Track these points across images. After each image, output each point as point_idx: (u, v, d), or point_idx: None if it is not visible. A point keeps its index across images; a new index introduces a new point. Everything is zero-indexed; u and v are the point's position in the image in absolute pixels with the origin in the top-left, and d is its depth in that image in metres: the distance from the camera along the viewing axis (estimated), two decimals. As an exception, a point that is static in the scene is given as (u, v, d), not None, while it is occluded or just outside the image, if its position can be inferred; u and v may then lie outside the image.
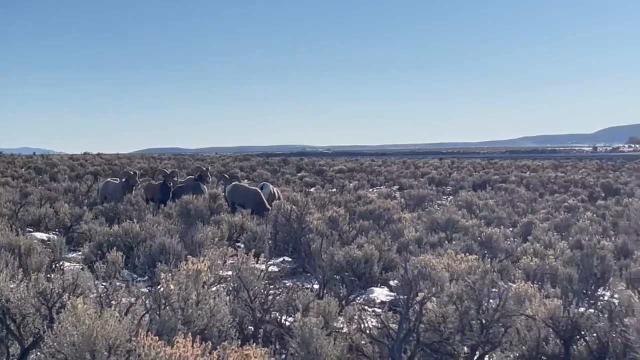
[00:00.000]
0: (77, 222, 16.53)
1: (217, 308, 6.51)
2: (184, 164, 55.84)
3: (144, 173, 36.99)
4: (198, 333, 5.83)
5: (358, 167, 58.81)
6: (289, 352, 6.46)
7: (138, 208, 19.29)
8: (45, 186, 29.97)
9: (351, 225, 16.49)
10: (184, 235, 12.86)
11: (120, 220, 16.56)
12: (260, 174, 43.46)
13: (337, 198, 25.48)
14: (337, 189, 34.63)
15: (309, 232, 14.45)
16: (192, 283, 6.62)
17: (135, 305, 6.26)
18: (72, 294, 5.92)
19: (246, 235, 14.74)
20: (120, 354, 5.15)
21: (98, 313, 5.31)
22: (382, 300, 11.15)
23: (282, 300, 7.94)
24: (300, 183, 38.89)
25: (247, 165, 57.34)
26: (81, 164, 52.45)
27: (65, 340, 5.15)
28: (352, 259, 11.48)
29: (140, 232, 12.73)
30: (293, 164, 61.82)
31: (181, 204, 17.86)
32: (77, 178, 38.23)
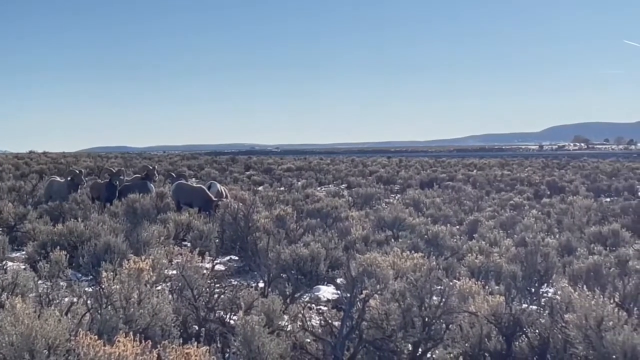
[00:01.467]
0: (20, 221, 16.33)
1: (160, 307, 6.48)
2: (131, 162, 55.48)
3: (89, 172, 36.63)
4: (140, 332, 5.80)
5: (306, 165, 58.91)
6: (231, 351, 6.45)
7: (83, 207, 19.11)
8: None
9: (298, 224, 16.51)
10: (130, 234, 12.79)
11: (65, 219, 16.39)
12: (207, 173, 43.34)
13: (284, 196, 25.49)
14: (285, 187, 34.65)
15: (256, 230, 14.44)
16: (133, 282, 6.59)
17: (76, 304, 6.21)
18: (10, 293, 5.86)
19: (192, 234, 14.69)
20: (59, 354, 5.11)
21: (37, 312, 5.26)
22: (328, 298, 11.18)
23: (227, 298, 7.92)
24: (248, 181, 38.83)
25: (194, 163, 57.13)
26: (26, 162, 51.77)
27: (4, 340, 5.09)
28: (298, 257, 11.49)
29: (85, 231, 12.63)
30: (241, 163, 61.73)
31: (127, 203, 17.74)
32: (22, 177, 37.73)
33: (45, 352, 5.02)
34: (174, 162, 60.40)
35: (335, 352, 6.51)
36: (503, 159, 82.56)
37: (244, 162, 62.02)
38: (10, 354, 5.04)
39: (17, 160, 53.30)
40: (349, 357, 6.50)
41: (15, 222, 16.26)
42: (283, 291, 8.92)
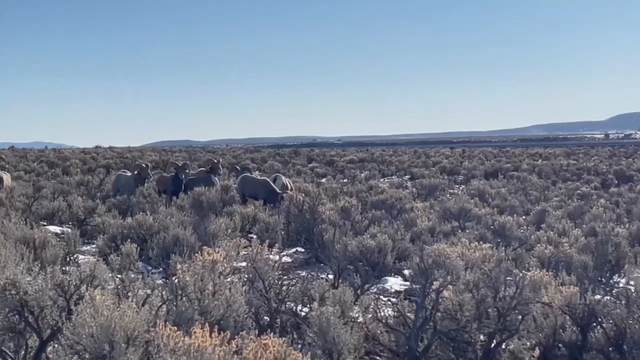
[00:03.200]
0: (90, 214, 16.58)
1: (233, 298, 6.52)
2: (195, 156, 55.95)
3: (155, 165, 37.04)
4: (214, 323, 5.84)
5: (369, 157, 58.84)
6: (306, 342, 6.47)
7: (150, 200, 19.35)
8: (58, 180, 30.08)
9: (363, 215, 16.49)
10: (197, 227, 12.88)
11: (133, 213, 16.60)
12: (271, 165, 43.52)
13: (348, 188, 25.47)
14: (348, 179, 34.66)
15: (322, 222, 14.45)
16: (208, 273, 6.63)
17: (151, 296, 6.28)
18: (89, 285, 5.95)
19: (258, 226, 14.75)
20: (138, 345, 5.17)
21: (116, 304, 5.33)
22: (395, 289, 11.15)
23: (297, 290, 7.95)
24: (311, 173, 38.93)
25: (257, 156, 57.43)
26: (93, 157, 52.59)
27: (84, 332, 5.16)
28: (365, 248, 11.46)
29: (154, 224, 12.76)
30: (304, 155, 61.90)
31: (193, 196, 17.90)
32: (89, 171, 38.34)
33: (124, 344, 5.08)
34: (237, 155, 60.78)
35: (409, 342, 6.49)
36: (568, 148, 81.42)
37: (306, 155, 62.18)
38: (91, 346, 5.11)
39: (84, 155, 54.15)
40: (424, 348, 6.48)
41: (85, 216, 16.51)
42: (352, 283, 8.90)
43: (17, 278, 5.91)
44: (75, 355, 5.33)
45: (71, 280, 5.98)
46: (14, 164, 41.29)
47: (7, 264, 6.39)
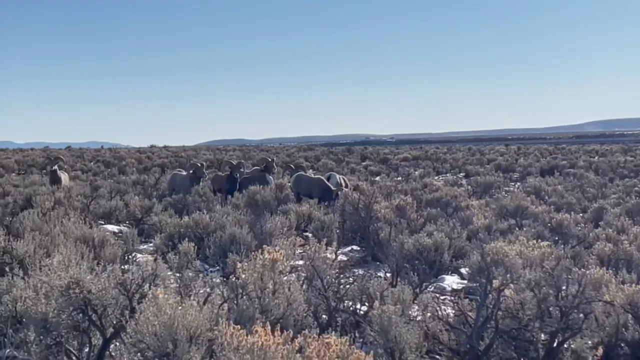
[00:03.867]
0: (147, 214, 16.73)
1: (293, 297, 6.54)
2: (249, 154, 56.23)
3: (210, 164, 37.28)
4: (275, 322, 5.87)
5: (422, 154, 58.63)
6: (366, 340, 6.46)
7: (206, 199, 19.46)
8: (114, 179, 30.43)
9: (418, 213, 16.41)
10: (253, 226, 12.93)
11: (189, 212, 16.73)
12: (324, 164, 43.56)
13: (402, 186, 25.36)
14: (402, 177, 34.54)
15: (377, 220, 14.42)
16: (268, 272, 6.65)
17: (212, 294, 6.32)
18: (151, 284, 6.00)
19: (314, 225, 14.78)
20: (200, 343, 5.21)
21: (178, 303, 5.37)
22: (453, 287, 11.09)
23: (355, 288, 7.93)
24: (365, 172, 38.90)
25: (311, 155, 57.54)
26: (148, 156, 53.12)
27: (147, 330, 5.22)
28: (421, 246, 11.41)
29: (210, 223, 12.82)
30: (357, 153, 61.88)
31: (248, 195, 17.98)
32: (145, 170, 38.73)
33: (187, 342, 5.12)
34: (291, 153, 60.95)
35: (470, 341, 6.45)
36: (625, 145, 80.00)
37: (359, 153, 62.16)
38: (154, 344, 5.16)
39: (140, 155, 54.73)
40: (485, 347, 6.43)
41: (142, 215, 16.66)
42: (410, 281, 8.86)
43: (80, 277, 5.99)
44: (139, 354, 5.39)
45: (133, 279, 6.04)
46: (71, 164, 41.88)
47: (71, 263, 6.47)
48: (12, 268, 8.55)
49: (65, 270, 6.23)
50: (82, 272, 6.13)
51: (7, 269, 8.59)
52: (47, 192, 19.32)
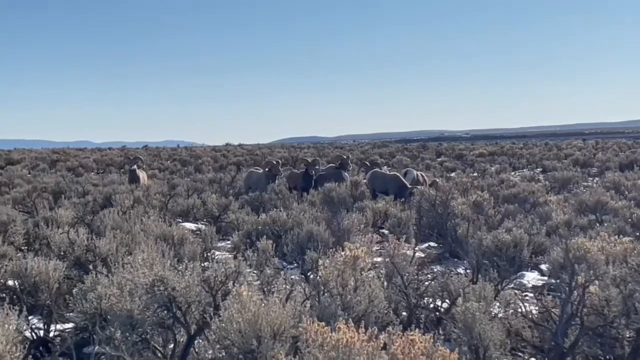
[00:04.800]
0: (224, 211, 16.88)
1: (375, 294, 6.53)
2: (323, 152, 56.36)
3: (285, 162, 37.50)
4: (357, 319, 5.87)
5: (498, 150, 58.00)
6: (448, 337, 6.42)
7: (282, 196, 19.55)
8: (191, 177, 30.78)
9: (496, 209, 16.24)
10: (330, 223, 12.94)
11: (265, 209, 16.83)
12: (399, 160, 43.46)
13: (478, 182, 25.13)
14: (478, 173, 34.26)
15: (454, 216, 14.33)
16: (349, 269, 6.66)
17: (293, 291, 6.34)
18: (235, 281, 6.05)
19: (390, 221, 14.75)
20: (284, 340, 5.24)
21: (262, 300, 5.40)
22: (533, 284, 10.95)
23: (436, 285, 7.89)
24: (440, 168, 38.69)
25: (385, 151, 57.44)
26: (223, 154, 53.66)
27: (231, 327, 5.26)
28: (500, 243, 11.29)
29: (288, 220, 12.86)
30: (432, 149, 61.55)
31: (324, 192, 18.02)
32: (221, 169, 39.14)
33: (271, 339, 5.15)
34: (365, 150, 60.90)
35: (555, 338, 6.35)
36: None
37: (434, 149, 61.82)
38: (238, 340, 5.20)
39: (215, 153, 55.33)
40: (570, 345, 6.33)
41: (220, 213, 16.81)
42: (490, 278, 8.77)
43: (164, 274, 6.07)
44: (223, 350, 5.44)
45: (217, 276, 6.10)
46: (148, 163, 42.49)
47: (155, 261, 6.56)
48: (95, 266, 8.72)
49: (149, 268, 6.32)
50: (166, 269, 6.22)
51: (90, 266, 8.76)
52: (126, 190, 19.63)
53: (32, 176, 34.87)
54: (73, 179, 30.17)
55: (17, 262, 8.40)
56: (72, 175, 34.94)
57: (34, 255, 8.57)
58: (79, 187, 23.81)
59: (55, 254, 9.68)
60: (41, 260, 8.20)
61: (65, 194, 21.95)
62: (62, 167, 43.52)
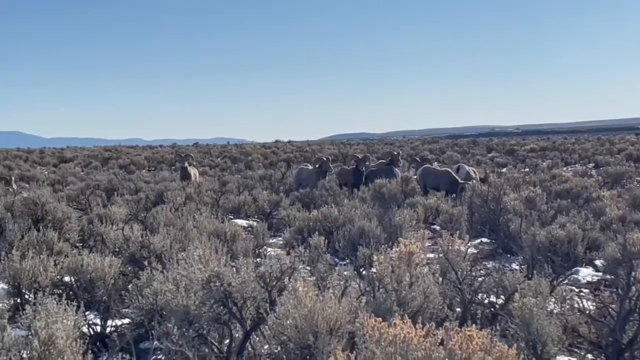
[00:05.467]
0: (275, 208, 16.94)
1: (430, 289, 6.51)
2: (373, 148, 56.26)
3: (335, 158, 37.58)
4: (412, 315, 5.85)
5: (550, 145, 57.42)
6: (508, 334, 6.37)
7: (332, 193, 19.56)
8: (241, 174, 30.97)
9: (549, 205, 16.08)
10: (381, 219, 12.92)
11: (316, 205, 16.86)
12: (449, 156, 43.27)
13: (530, 177, 24.93)
14: (530, 169, 33.99)
15: (506, 212, 14.22)
16: (404, 265, 6.64)
17: (348, 287, 6.35)
18: (290, 277, 6.07)
19: (442, 217, 14.70)
20: (340, 336, 5.24)
21: (318, 295, 5.41)
22: (587, 280, 10.83)
23: (490, 281, 7.84)
24: (491, 163, 38.45)
25: (435, 147, 57.23)
26: (273, 151, 53.87)
27: (287, 323, 5.28)
28: (554, 238, 11.20)
29: (339, 217, 12.87)
30: (482, 145, 61.15)
31: (374, 188, 18.00)
32: (271, 165, 39.31)
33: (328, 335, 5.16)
34: (415, 146, 60.76)
35: (613, 334, 6.28)
36: None
37: (485, 144, 61.42)
38: (294, 336, 5.22)
39: (265, 150, 55.55)
40: (629, 340, 6.25)
41: (271, 210, 16.88)
42: (548, 273, 8.69)
43: (220, 270, 6.11)
44: (279, 346, 5.46)
45: (272, 272, 6.12)
46: (198, 160, 42.80)
47: (211, 257, 6.61)
48: (150, 262, 8.81)
49: (205, 264, 6.36)
50: (221, 265, 6.26)
51: (145, 263, 8.85)
52: (178, 188, 19.80)
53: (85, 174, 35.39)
54: (125, 176, 30.57)
55: (73, 258, 8.51)
56: (124, 172, 35.38)
57: (88, 252, 8.67)
58: (131, 185, 24.11)
59: (110, 250, 9.80)
60: (97, 257, 8.30)
61: (118, 191, 22.20)
62: (114, 164, 44.10)
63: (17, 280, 8.20)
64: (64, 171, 35.70)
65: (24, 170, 37.36)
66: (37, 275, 8.17)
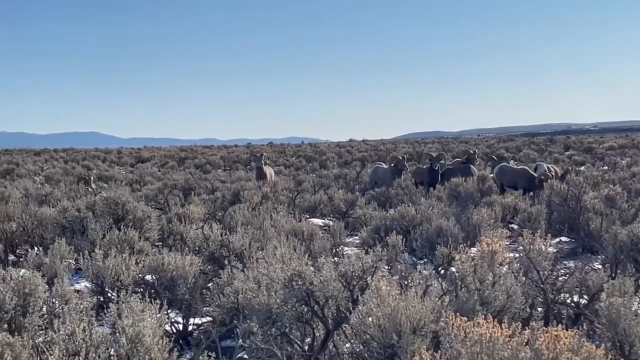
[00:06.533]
0: (351, 207, 16.94)
1: (513, 289, 6.44)
2: (448, 146, 55.88)
3: (409, 157, 37.43)
4: (495, 314, 5.80)
5: (629, 143, 56.27)
6: (594, 334, 6.28)
7: (408, 192, 19.49)
8: (316, 173, 31.05)
9: (629, 203, 15.78)
10: (459, 218, 12.84)
11: (392, 204, 16.82)
12: (526, 154, 42.78)
13: (609, 176, 24.50)
14: (609, 167, 33.39)
15: (586, 211, 13.99)
16: (485, 264, 6.59)
17: (430, 286, 6.33)
18: (372, 275, 6.06)
19: (520, 216, 14.53)
20: (424, 335, 5.22)
21: (401, 294, 5.40)
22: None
23: (573, 280, 7.73)
24: (569, 161, 37.89)
25: (511, 145, 56.61)
26: (347, 150, 53.90)
27: (370, 322, 5.28)
28: (636, 237, 10.96)
29: (416, 216, 12.80)
30: (559, 143, 60.25)
31: (450, 187, 17.88)
32: (345, 164, 39.31)
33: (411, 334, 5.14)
34: (491, 144, 60.20)
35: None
36: None
37: (562, 142, 60.50)
38: (377, 335, 5.22)
39: (339, 149, 55.59)
40: None
41: (347, 209, 16.88)
42: (631, 272, 8.53)
43: (302, 269, 6.13)
44: (361, 345, 5.46)
45: (354, 270, 6.12)
46: (273, 159, 43.05)
47: (292, 256, 6.64)
48: (230, 261, 8.89)
49: (287, 263, 6.40)
50: (303, 264, 6.28)
51: (225, 261, 8.93)
52: (254, 187, 19.92)
53: (162, 173, 35.85)
54: (201, 175, 30.87)
55: (154, 257, 8.64)
56: (200, 172, 35.76)
57: (168, 251, 8.79)
58: (207, 184, 24.34)
59: (190, 249, 9.92)
60: (177, 256, 8.41)
61: (195, 190, 22.42)
62: (190, 164, 44.61)
63: (100, 278, 8.33)
64: (141, 171, 36.28)
65: (103, 170, 38.05)
66: (120, 273, 8.28)
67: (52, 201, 17.54)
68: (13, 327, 6.53)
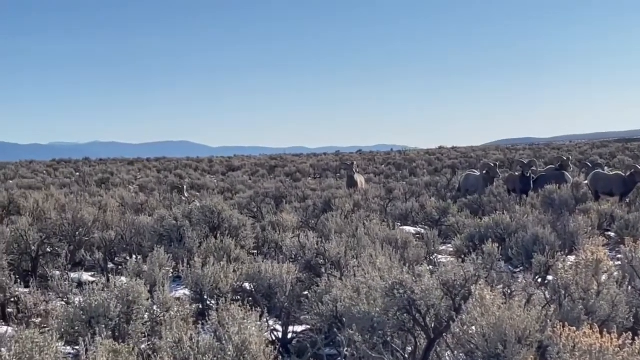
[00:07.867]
0: (443, 214, 16.85)
1: (619, 298, 6.32)
2: (539, 153, 55.07)
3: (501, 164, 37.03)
4: (600, 324, 5.70)
5: None
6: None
7: (501, 199, 19.30)
8: (406, 181, 30.95)
9: None
10: (554, 225, 12.65)
11: (485, 212, 16.67)
12: (620, 160, 41.85)
13: None
14: None
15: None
16: (589, 272, 6.49)
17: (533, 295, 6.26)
18: (475, 284, 6.02)
19: (617, 224, 14.25)
20: (530, 345, 5.16)
21: (505, 303, 5.35)
22: None
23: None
24: (665, 167, 36.96)
25: (605, 151, 55.45)
26: (437, 157, 53.58)
27: (474, 331, 5.24)
28: None
29: (511, 223, 12.66)
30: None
31: (544, 194, 17.64)
32: (435, 172, 39.08)
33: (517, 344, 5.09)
34: (584, 151, 59.09)
35: None
36: None
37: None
38: (482, 344, 5.18)
39: (429, 156, 55.30)
40: None
41: (440, 216, 16.79)
42: None
43: (403, 278, 6.12)
44: (465, 354, 5.42)
45: (456, 279, 6.08)
46: (362, 167, 43.07)
47: (393, 264, 6.65)
48: (327, 269, 8.93)
49: (388, 272, 6.40)
50: (404, 273, 6.27)
51: (322, 269, 8.97)
52: (345, 195, 19.98)
53: (253, 182, 36.19)
54: (292, 184, 31.07)
55: (251, 265, 8.73)
56: (290, 180, 36.00)
57: (263, 259, 8.88)
58: (298, 192, 24.48)
59: (286, 257, 9.99)
60: (274, 264, 8.49)
61: (286, 198, 22.58)
62: (280, 172, 44.95)
63: (200, 286, 8.45)
64: (232, 179, 36.74)
65: (194, 178, 38.64)
66: (218, 281, 8.39)
67: (148, 210, 17.91)
68: (117, 334, 6.68)
